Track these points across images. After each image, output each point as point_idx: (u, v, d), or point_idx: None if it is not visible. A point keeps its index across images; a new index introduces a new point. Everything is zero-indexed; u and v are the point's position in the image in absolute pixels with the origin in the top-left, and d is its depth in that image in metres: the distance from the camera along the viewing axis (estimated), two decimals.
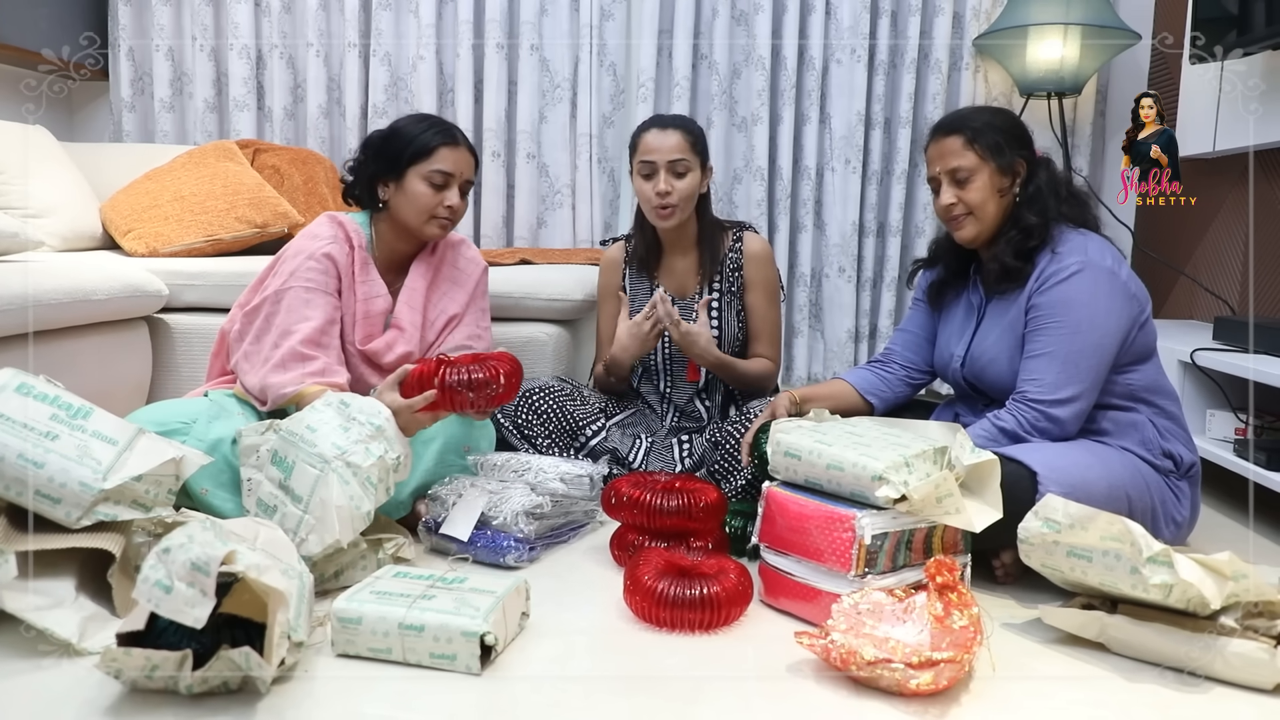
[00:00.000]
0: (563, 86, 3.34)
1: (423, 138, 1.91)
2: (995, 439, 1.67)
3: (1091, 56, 3.07)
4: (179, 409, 1.78)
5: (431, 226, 1.93)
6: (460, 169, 1.93)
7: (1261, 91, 2.47)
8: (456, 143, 1.93)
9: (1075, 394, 1.66)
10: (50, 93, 3.32)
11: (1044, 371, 1.67)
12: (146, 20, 3.36)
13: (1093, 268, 1.66)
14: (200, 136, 3.35)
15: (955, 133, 1.74)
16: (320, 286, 1.86)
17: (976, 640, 1.26)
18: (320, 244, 1.89)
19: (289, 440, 1.55)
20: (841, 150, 3.33)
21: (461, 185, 1.94)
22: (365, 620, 1.31)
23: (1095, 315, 1.66)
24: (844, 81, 3.32)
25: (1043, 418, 1.66)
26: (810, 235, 3.36)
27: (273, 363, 1.79)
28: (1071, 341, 1.65)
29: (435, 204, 1.91)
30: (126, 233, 2.70)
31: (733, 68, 3.33)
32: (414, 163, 1.90)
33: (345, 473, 1.49)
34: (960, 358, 1.84)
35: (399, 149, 1.91)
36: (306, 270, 1.86)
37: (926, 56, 3.32)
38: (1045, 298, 1.68)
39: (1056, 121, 3.20)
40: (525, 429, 2.06)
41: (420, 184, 1.90)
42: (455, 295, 2.05)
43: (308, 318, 1.83)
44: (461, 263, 2.08)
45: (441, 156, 1.90)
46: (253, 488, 1.58)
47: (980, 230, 1.75)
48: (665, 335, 2.16)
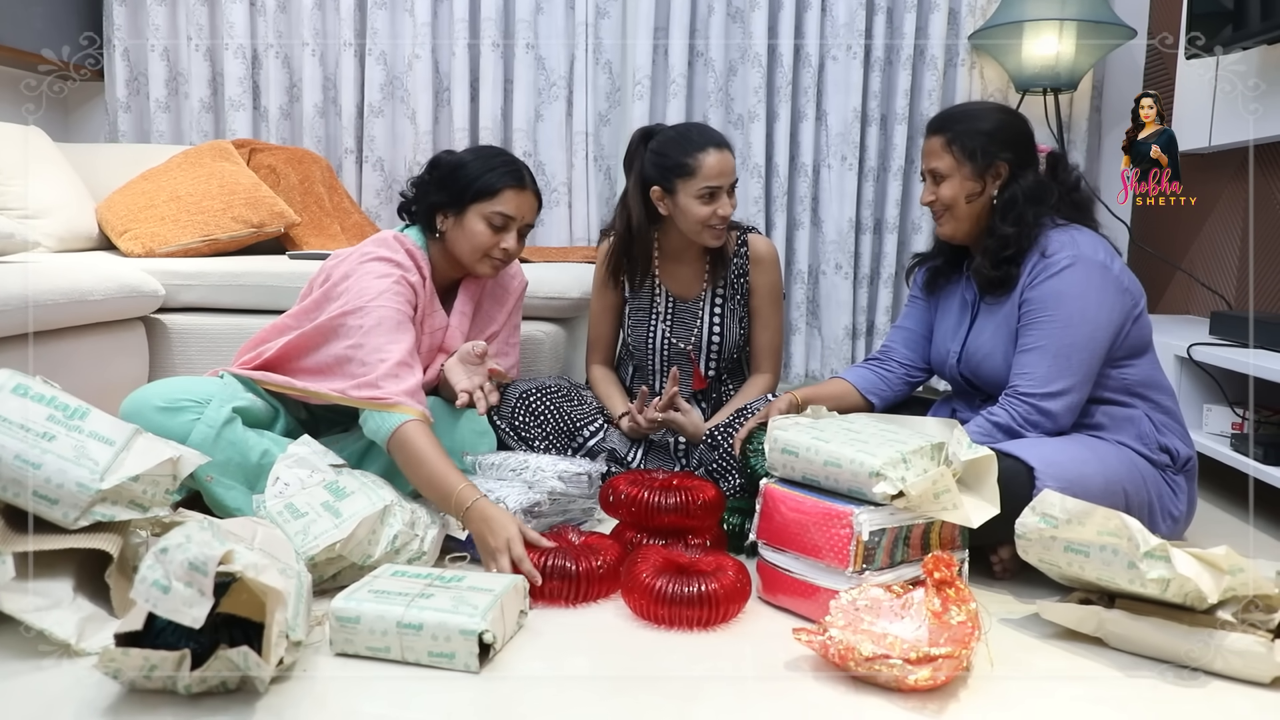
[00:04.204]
0: (558, 85, 3.34)
1: (489, 176, 1.84)
2: (989, 434, 1.67)
3: (1087, 52, 3.07)
4: (192, 387, 1.76)
5: (484, 266, 1.88)
6: (523, 213, 1.87)
7: (1257, 86, 2.47)
8: (524, 186, 1.87)
9: (1067, 387, 1.66)
10: (50, 93, 3.31)
11: (1035, 366, 1.67)
12: (141, 20, 3.35)
13: (1084, 261, 1.67)
14: (196, 136, 3.34)
15: (938, 133, 1.78)
16: (408, 315, 1.78)
17: (974, 636, 1.26)
18: (402, 271, 1.81)
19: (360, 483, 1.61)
20: (838, 147, 3.33)
21: (521, 229, 1.89)
22: (364, 619, 1.30)
23: (1087, 309, 1.66)
24: (840, 78, 3.32)
25: (1035, 411, 1.66)
26: (807, 232, 3.36)
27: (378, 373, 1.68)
28: (1063, 335, 1.66)
29: (492, 245, 1.86)
30: (123, 233, 2.70)
31: (729, 65, 3.33)
32: (477, 200, 1.84)
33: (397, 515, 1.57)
34: (956, 354, 1.85)
35: (465, 183, 1.85)
36: (394, 294, 1.76)
37: (922, 53, 3.32)
38: (1036, 292, 1.69)
39: (1052, 117, 3.20)
40: (522, 431, 2.03)
41: (480, 223, 1.84)
42: (495, 314, 2.04)
43: (399, 340, 1.72)
44: (505, 279, 2.05)
45: (505, 199, 1.84)
46: (283, 491, 1.58)
47: (955, 229, 1.79)
48: (662, 332, 2.16)
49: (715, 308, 2.15)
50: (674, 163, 2.01)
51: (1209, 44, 2.46)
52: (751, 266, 2.14)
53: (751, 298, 2.15)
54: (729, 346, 2.16)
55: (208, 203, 2.73)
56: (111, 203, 2.81)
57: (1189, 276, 2.95)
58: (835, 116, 3.34)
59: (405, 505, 1.61)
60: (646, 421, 2.02)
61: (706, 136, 2.02)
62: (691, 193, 1.99)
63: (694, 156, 1.99)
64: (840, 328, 3.38)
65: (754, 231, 2.17)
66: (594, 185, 3.35)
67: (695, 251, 2.14)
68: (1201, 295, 2.89)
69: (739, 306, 2.15)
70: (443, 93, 3.37)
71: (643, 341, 2.19)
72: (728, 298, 2.15)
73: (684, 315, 2.16)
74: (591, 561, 1.52)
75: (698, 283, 2.16)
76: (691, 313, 2.16)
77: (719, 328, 2.15)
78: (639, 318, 2.20)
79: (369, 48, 3.32)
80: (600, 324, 2.26)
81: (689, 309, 2.17)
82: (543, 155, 3.38)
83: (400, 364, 1.69)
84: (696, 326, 2.14)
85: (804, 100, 3.31)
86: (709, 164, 1.98)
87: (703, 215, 2.00)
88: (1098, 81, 3.35)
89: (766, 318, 2.16)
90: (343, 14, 3.29)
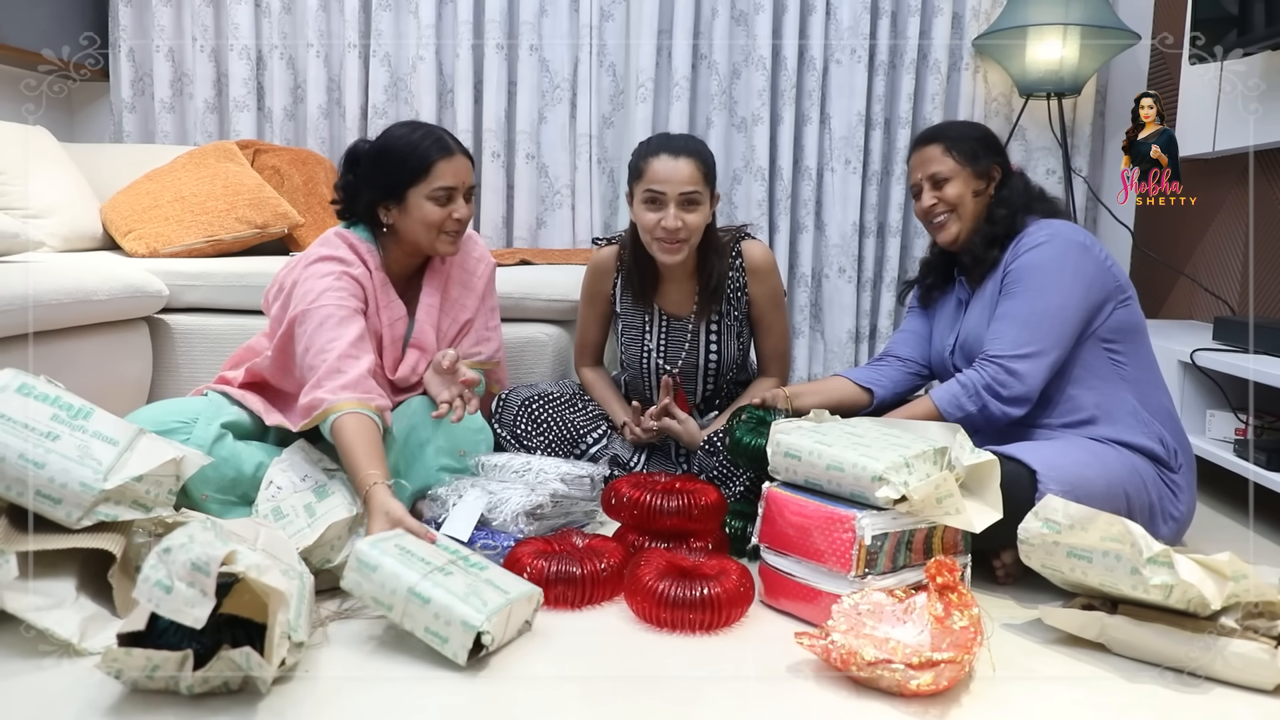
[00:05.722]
0: (562, 87, 3.34)
1: (416, 156, 1.80)
2: (955, 395, 1.73)
3: (1091, 57, 3.07)
4: (177, 408, 1.77)
5: (443, 243, 1.86)
6: (461, 178, 1.84)
7: (1261, 91, 2.47)
8: (452, 152, 1.84)
9: (1035, 351, 1.70)
10: (50, 93, 3.31)
11: (1006, 331, 1.73)
12: (147, 21, 3.36)
13: (1060, 238, 1.74)
14: (200, 137, 3.35)
15: (933, 142, 1.86)
16: (353, 307, 1.77)
17: (977, 641, 1.26)
18: (344, 266, 1.80)
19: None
20: (841, 150, 3.34)
21: (465, 193, 1.86)
22: (381, 571, 1.31)
23: (1062, 280, 1.71)
24: (844, 82, 3.32)
25: (1002, 371, 1.70)
26: (810, 236, 3.36)
27: (320, 374, 1.67)
28: (1034, 303, 1.71)
29: (444, 219, 1.83)
30: (127, 233, 2.70)
31: (732, 68, 3.34)
32: (414, 183, 1.81)
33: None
34: (951, 346, 1.89)
35: (393, 170, 1.81)
36: (335, 291, 1.75)
37: (926, 57, 3.33)
38: (1013, 266, 1.76)
39: (1056, 122, 3.21)
40: (524, 439, 2.02)
41: (425, 204, 1.81)
42: (467, 301, 2.00)
43: (341, 335, 1.71)
44: (470, 263, 2.01)
45: (440, 172, 1.81)
46: (275, 495, 1.58)
47: (961, 229, 1.83)
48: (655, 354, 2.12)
49: (711, 326, 2.09)
50: (632, 165, 1.99)
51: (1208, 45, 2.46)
52: (749, 279, 2.07)
53: (752, 308, 2.09)
54: (727, 366, 2.11)
55: (212, 203, 2.73)
56: (116, 203, 2.81)
57: (1192, 281, 2.95)
58: (839, 120, 3.34)
59: None
60: (643, 431, 2.02)
61: (665, 144, 1.96)
62: (639, 197, 1.96)
63: (645, 160, 1.95)
64: (843, 331, 3.38)
65: (748, 238, 2.09)
66: (597, 187, 3.35)
67: (686, 269, 2.06)
68: (1205, 300, 2.89)
69: (737, 322, 2.10)
70: (446, 94, 3.37)
71: (636, 360, 2.15)
72: (725, 314, 2.09)
73: (677, 334, 2.10)
74: (596, 565, 1.52)
75: (690, 300, 2.10)
76: (684, 330, 2.10)
77: (715, 348, 2.10)
78: (632, 335, 2.15)
79: (373, 49, 3.32)
80: (589, 330, 2.22)
81: (682, 326, 2.10)
82: (546, 157, 3.38)
83: (342, 357, 1.67)
84: (689, 346, 2.09)
85: (808, 103, 3.31)
86: (653, 168, 1.93)
87: (646, 222, 1.95)
88: (1101, 86, 3.35)
89: (770, 324, 2.11)
90: (347, 15, 3.30)
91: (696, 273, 2.07)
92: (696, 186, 1.92)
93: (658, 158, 1.93)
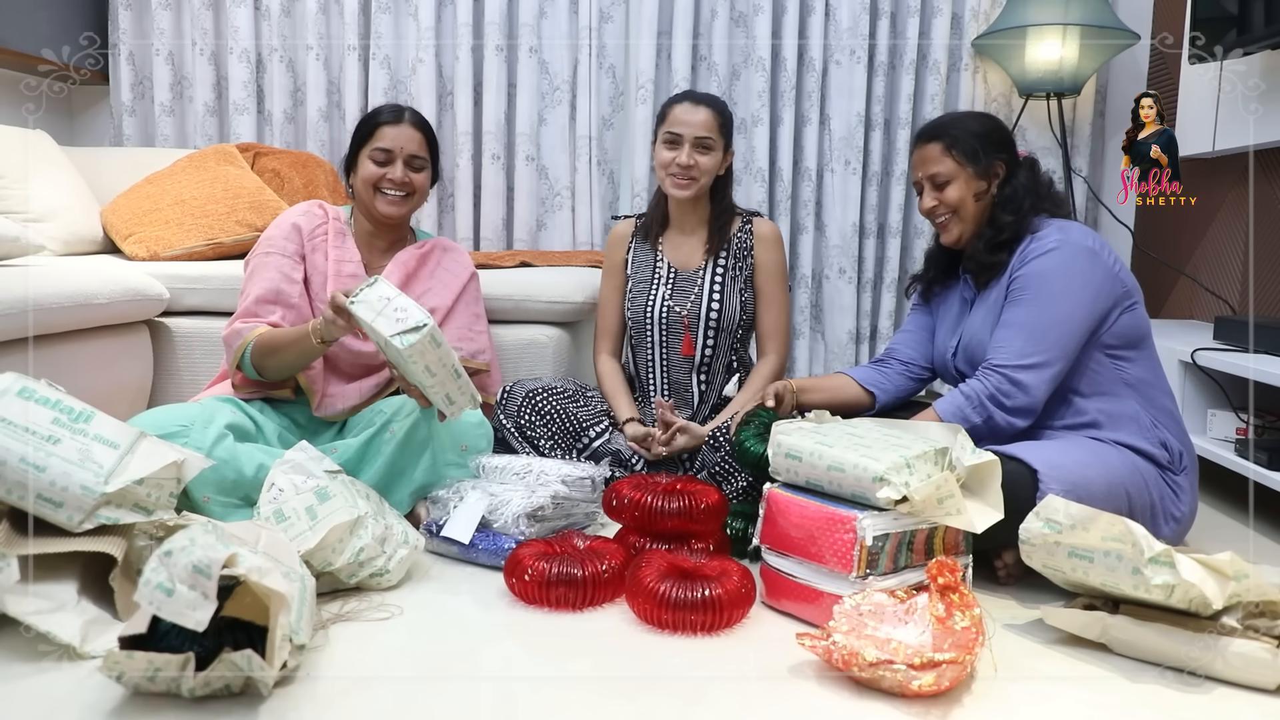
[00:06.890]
0: (562, 89, 3.34)
1: (369, 121, 2.02)
2: (959, 407, 1.70)
3: (1090, 57, 3.07)
4: (175, 414, 1.77)
5: (380, 202, 2.00)
6: (400, 144, 1.99)
7: (1261, 91, 2.47)
8: (400, 120, 2.02)
9: (1041, 361, 1.68)
10: (50, 93, 3.32)
11: (1011, 340, 1.70)
12: (146, 24, 3.36)
13: (1070, 245, 1.71)
14: (200, 140, 3.35)
15: (934, 140, 1.82)
16: (278, 250, 1.97)
17: (978, 641, 1.26)
18: (289, 217, 2.02)
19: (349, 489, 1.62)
20: (841, 151, 3.34)
21: (406, 160, 2.00)
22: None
23: (1070, 288, 1.69)
24: (843, 83, 3.32)
25: (1006, 381, 1.68)
26: (811, 237, 3.36)
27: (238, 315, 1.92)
28: (1041, 312, 1.69)
29: (378, 177, 1.99)
30: (127, 236, 2.70)
31: (732, 69, 3.34)
32: (362, 145, 2.02)
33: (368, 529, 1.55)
34: (953, 347, 1.87)
35: (355, 137, 2.04)
36: (267, 241, 1.99)
37: (925, 57, 3.33)
38: (1021, 273, 1.73)
39: (1056, 122, 3.21)
40: (527, 429, 2.05)
41: (367, 163, 2.00)
42: (439, 291, 2.08)
43: (259, 281, 1.94)
44: (449, 263, 2.13)
45: (383, 135, 2.00)
46: (277, 496, 1.58)
47: (963, 230, 1.82)
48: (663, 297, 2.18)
49: (716, 278, 2.17)
50: (659, 113, 2.18)
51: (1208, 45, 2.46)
52: (756, 243, 2.18)
53: (756, 274, 2.19)
54: (728, 317, 2.17)
55: (212, 206, 2.73)
56: (116, 206, 2.81)
57: (1193, 281, 2.95)
58: (838, 121, 3.34)
59: (381, 521, 1.59)
60: (653, 455, 2.05)
61: (689, 95, 2.16)
62: (661, 139, 2.13)
63: (670, 107, 2.15)
64: (844, 332, 3.38)
65: (761, 216, 2.24)
66: (597, 189, 3.36)
67: (696, 222, 2.20)
68: (1206, 300, 2.89)
69: (740, 278, 2.18)
70: (446, 96, 3.38)
71: (641, 311, 2.20)
72: (729, 268, 2.18)
73: (684, 285, 2.19)
74: (597, 566, 1.52)
75: (698, 255, 2.20)
76: (691, 282, 2.18)
77: (718, 298, 2.17)
78: (640, 289, 2.22)
79: (373, 51, 3.33)
80: (609, 311, 2.28)
81: (689, 279, 2.19)
82: (546, 159, 3.38)
83: (258, 300, 1.92)
84: (695, 295, 2.16)
85: (807, 104, 3.31)
86: (675, 113, 2.12)
87: (663, 159, 2.12)
88: (1101, 86, 3.35)
89: (771, 295, 2.18)
90: (346, 18, 3.30)
91: (707, 226, 2.20)
92: (711, 133, 2.10)
93: (680, 104, 2.13)
